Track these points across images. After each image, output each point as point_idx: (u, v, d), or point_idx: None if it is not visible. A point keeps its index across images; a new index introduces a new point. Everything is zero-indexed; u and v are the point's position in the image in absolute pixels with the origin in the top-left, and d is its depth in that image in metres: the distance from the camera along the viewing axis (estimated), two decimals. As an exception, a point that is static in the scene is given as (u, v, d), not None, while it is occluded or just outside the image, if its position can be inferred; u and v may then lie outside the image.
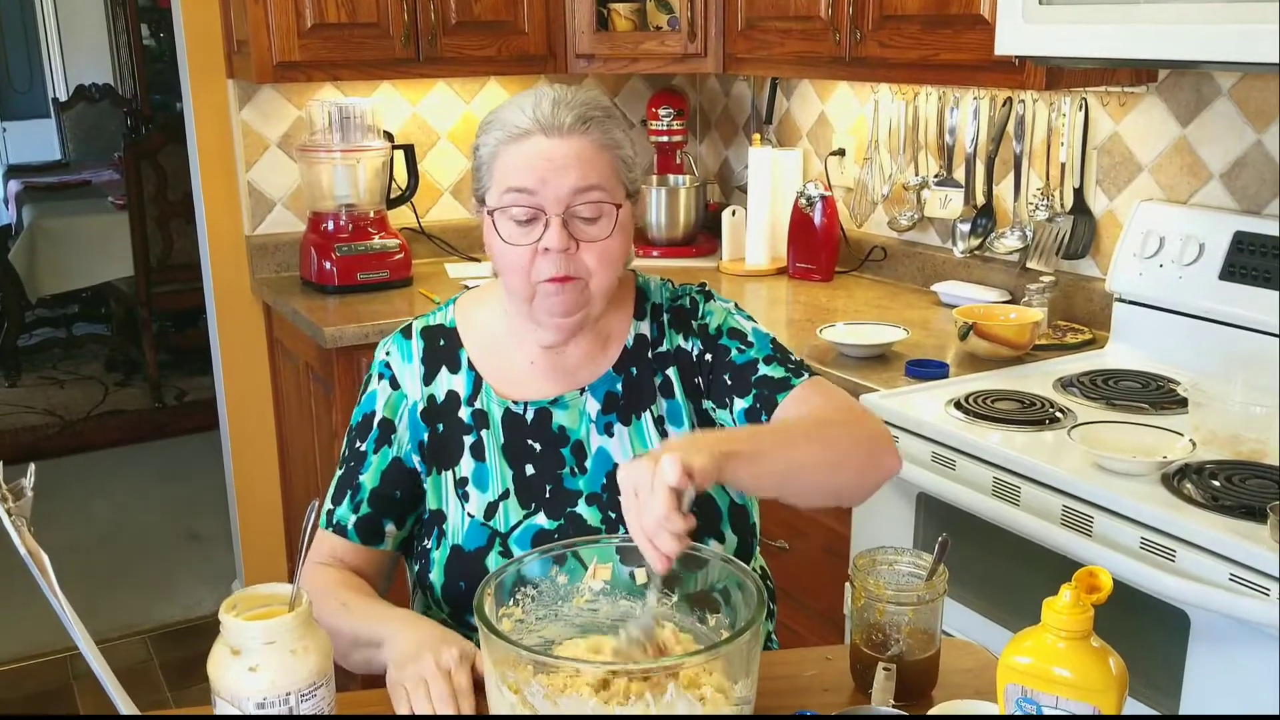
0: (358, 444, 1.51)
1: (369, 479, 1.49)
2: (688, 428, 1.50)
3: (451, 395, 1.50)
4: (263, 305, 3.27)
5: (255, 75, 2.86)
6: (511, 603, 1.23)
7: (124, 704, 1.06)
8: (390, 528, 1.50)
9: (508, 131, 1.39)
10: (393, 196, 3.17)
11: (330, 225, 3.04)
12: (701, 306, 1.54)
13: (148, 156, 5.11)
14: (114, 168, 6.50)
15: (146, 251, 5.20)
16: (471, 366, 1.50)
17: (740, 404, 1.46)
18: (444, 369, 1.51)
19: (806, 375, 1.46)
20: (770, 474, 1.27)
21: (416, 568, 1.51)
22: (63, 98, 8.44)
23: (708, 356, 1.50)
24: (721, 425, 1.50)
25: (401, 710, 1.20)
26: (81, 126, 8.04)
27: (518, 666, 1.08)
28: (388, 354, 1.53)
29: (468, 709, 1.18)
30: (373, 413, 1.51)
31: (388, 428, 1.50)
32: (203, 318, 3.40)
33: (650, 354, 1.52)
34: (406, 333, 1.54)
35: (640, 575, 1.28)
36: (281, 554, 3.44)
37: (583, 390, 1.49)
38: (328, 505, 1.50)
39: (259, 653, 1.05)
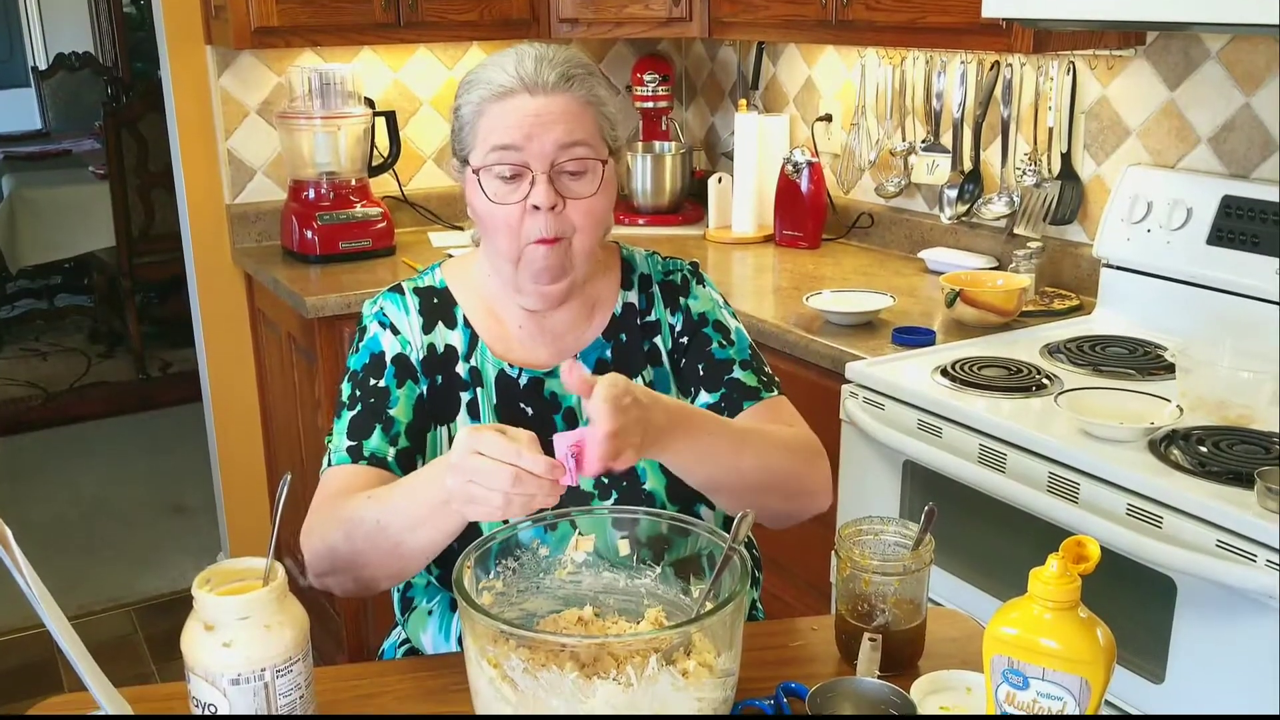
0: (373, 381, 1.44)
1: (401, 413, 1.42)
2: (674, 394, 1.50)
3: (450, 349, 1.48)
4: (244, 275, 3.24)
5: (233, 41, 2.82)
6: (492, 576, 1.21)
7: (98, 687, 1.04)
8: (420, 466, 1.43)
9: (491, 90, 1.39)
10: (374, 164, 3.13)
11: (311, 194, 3.00)
12: (692, 286, 1.55)
13: (128, 125, 5.05)
14: (94, 137, 6.43)
15: (128, 222, 5.15)
16: (467, 324, 1.49)
17: (706, 398, 1.48)
18: (440, 323, 1.49)
19: (776, 392, 1.50)
20: (700, 466, 1.30)
21: None
22: (42, 66, 8.34)
23: (684, 340, 1.52)
24: None
25: (485, 504, 1.13)
26: (61, 95, 7.95)
27: (498, 640, 1.06)
28: (381, 307, 1.49)
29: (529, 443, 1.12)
30: (381, 353, 1.46)
31: (404, 364, 1.45)
32: (186, 288, 3.37)
33: (639, 322, 1.52)
34: (397, 290, 1.51)
35: (624, 546, 1.27)
36: (266, 526, 3.42)
37: (575, 358, 1.49)
38: (344, 444, 1.40)
39: (233, 628, 1.04)
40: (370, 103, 3.09)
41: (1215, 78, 2.23)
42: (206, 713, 1.05)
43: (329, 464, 1.41)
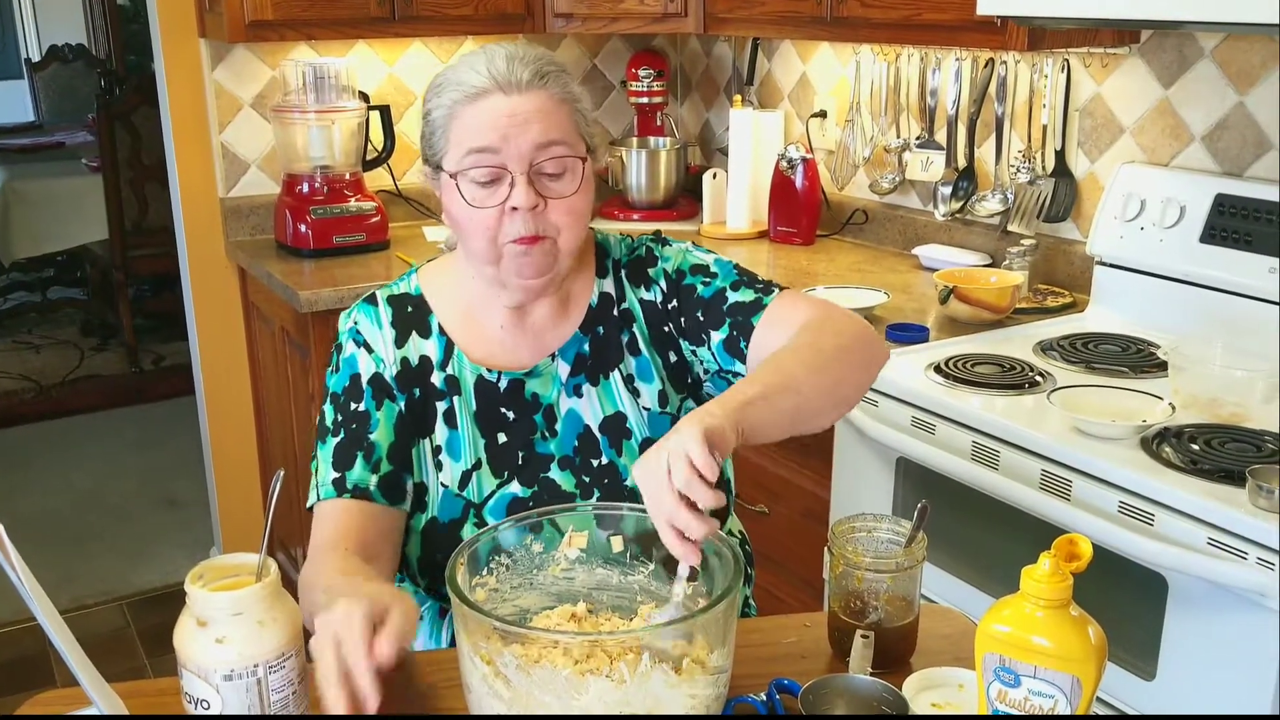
0: (353, 406, 1.43)
1: (381, 436, 1.41)
2: (657, 383, 1.48)
3: (424, 360, 1.46)
4: (237, 269, 3.23)
5: (228, 34, 2.81)
6: (486, 572, 1.21)
7: (90, 682, 1.04)
8: (409, 484, 1.43)
9: (463, 91, 1.36)
10: (369, 158, 3.12)
11: (305, 187, 3.00)
12: (659, 252, 1.52)
13: (121, 118, 5.04)
14: (88, 129, 6.41)
15: (122, 215, 5.14)
16: (443, 332, 1.47)
17: (717, 336, 1.44)
18: (414, 334, 1.47)
19: (776, 291, 1.45)
20: (783, 412, 1.22)
21: None
22: (35, 58, 8.32)
23: (673, 303, 1.48)
24: (703, 364, 1.48)
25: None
26: (55, 88, 7.92)
27: (491, 637, 1.06)
28: (355, 322, 1.47)
29: (370, 691, 1.04)
30: (358, 374, 1.44)
31: (381, 383, 1.44)
32: (179, 282, 3.36)
33: (615, 312, 1.50)
34: (371, 300, 1.49)
35: (617, 543, 1.27)
36: (259, 520, 3.42)
37: (554, 356, 1.47)
38: (330, 475, 1.40)
39: (226, 624, 1.04)
40: (365, 97, 3.09)
41: (1209, 76, 2.23)
42: (199, 709, 1.05)
43: (317, 498, 1.40)
